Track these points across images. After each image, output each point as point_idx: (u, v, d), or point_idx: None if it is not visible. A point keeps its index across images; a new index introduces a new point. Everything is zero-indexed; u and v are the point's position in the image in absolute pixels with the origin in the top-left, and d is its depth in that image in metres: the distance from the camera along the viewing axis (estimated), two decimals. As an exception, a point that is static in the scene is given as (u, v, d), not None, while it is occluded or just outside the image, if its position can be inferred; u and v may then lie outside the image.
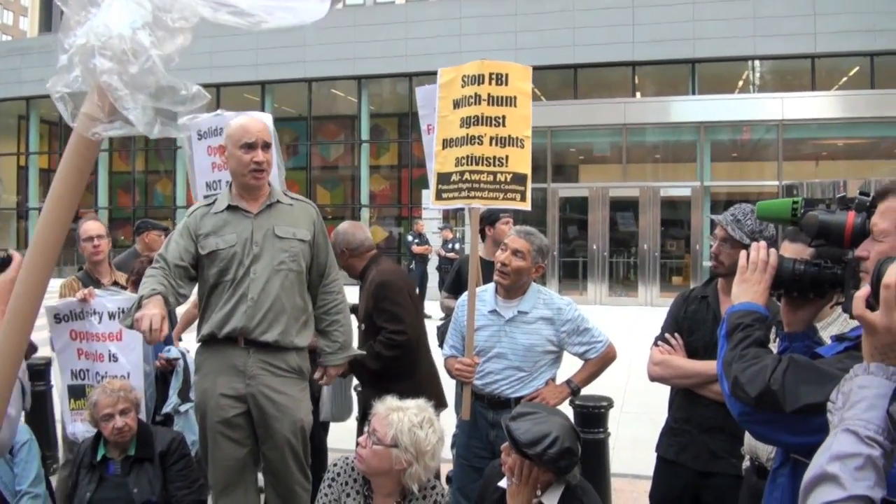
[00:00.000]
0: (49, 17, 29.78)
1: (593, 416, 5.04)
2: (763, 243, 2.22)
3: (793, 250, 2.89)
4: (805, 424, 1.86)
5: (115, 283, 4.96)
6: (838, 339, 2.04)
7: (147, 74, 1.39)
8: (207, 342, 3.92)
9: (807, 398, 1.85)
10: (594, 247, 21.31)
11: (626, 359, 4.28)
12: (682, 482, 3.63)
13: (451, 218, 21.81)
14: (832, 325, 2.81)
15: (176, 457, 3.96)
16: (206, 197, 5.31)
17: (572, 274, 21.55)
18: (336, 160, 27.74)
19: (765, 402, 1.89)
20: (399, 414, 3.13)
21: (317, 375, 4.20)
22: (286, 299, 3.87)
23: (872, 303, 1.58)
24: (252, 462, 3.97)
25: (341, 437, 5.64)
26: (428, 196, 20.68)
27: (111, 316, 4.33)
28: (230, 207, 3.93)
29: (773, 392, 1.88)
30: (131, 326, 3.45)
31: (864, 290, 1.58)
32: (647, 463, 5.12)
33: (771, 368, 1.92)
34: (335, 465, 3.35)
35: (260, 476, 4.14)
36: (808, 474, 1.43)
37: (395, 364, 4.46)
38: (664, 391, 3.96)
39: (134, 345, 4.33)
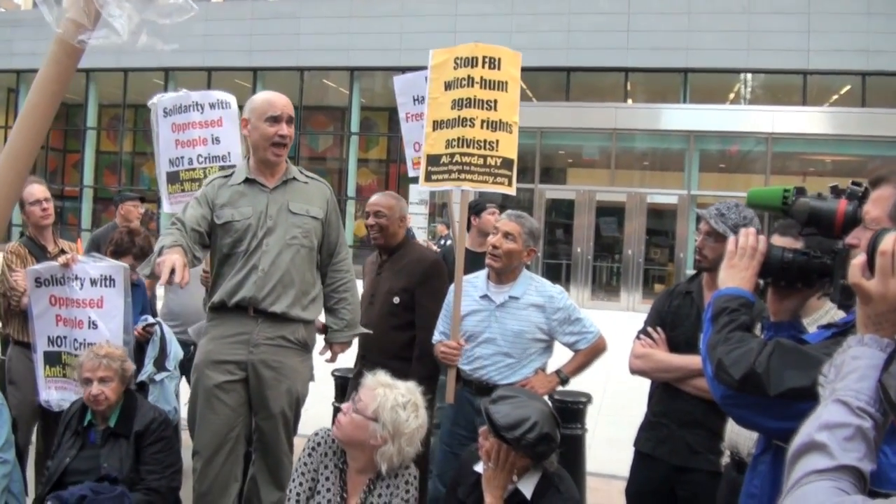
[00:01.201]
0: (44, -8, 29.51)
1: (571, 411, 5.01)
2: (752, 229, 2.20)
3: (782, 244, 2.88)
4: (788, 409, 1.84)
5: (62, 251, 4.86)
6: (825, 327, 2.03)
7: None
8: (217, 309, 3.97)
9: (791, 382, 1.83)
10: (578, 250, 21.34)
11: (606, 361, 4.27)
12: (658, 476, 3.62)
13: (439, 213, 21.80)
14: (820, 320, 2.80)
15: (153, 438, 3.87)
16: (168, 174, 5.36)
17: (555, 276, 21.53)
18: (324, 151, 27.65)
19: (748, 384, 1.88)
20: (386, 390, 3.10)
21: (321, 352, 4.23)
22: (296, 273, 3.92)
23: (867, 273, 1.56)
24: (243, 434, 3.97)
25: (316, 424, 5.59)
26: (416, 191, 20.75)
27: (93, 282, 4.29)
28: (247, 180, 3.98)
29: (757, 375, 1.86)
30: (150, 275, 3.55)
31: (861, 258, 1.56)
32: (623, 463, 5.11)
33: (756, 351, 1.90)
34: (317, 434, 3.32)
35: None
36: (796, 442, 1.41)
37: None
38: (643, 393, 3.95)
39: (115, 312, 4.29)
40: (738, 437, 3.04)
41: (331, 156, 27.17)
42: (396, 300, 4.57)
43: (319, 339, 4.26)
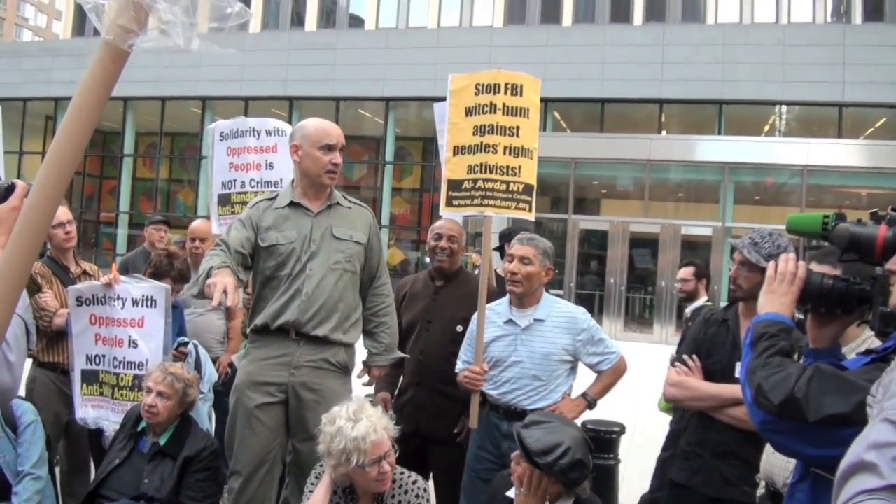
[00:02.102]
0: (82, 22, 30.08)
1: (605, 441, 4.99)
2: (792, 255, 2.20)
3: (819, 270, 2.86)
4: (828, 436, 1.83)
5: (84, 273, 4.92)
6: (864, 353, 2.00)
7: None
8: (259, 332, 4.01)
9: (830, 408, 1.81)
10: (612, 281, 21.23)
11: (638, 393, 4.26)
12: None
13: (470, 244, 21.80)
14: (858, 349, 2.76)
15: (201, 466, 3.92)
16: (220, 195, 5.46)
17: (588, 307, 21.27)
18: (359, 180, 27.83)
19: (788, 410, 1.86)
20: (364, 423, 3.17)
21: (358, 374, 4.26)
22: (339, 298, 3.96)
23: None
24: (279, 456, 4.00)
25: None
26: (448, 220, 20.75)
27: (135, 302, 4.35)
28: (292, 204, 4.03)
29: (796, 400, 1.85)
30: (199, 294, 3.58)
31: None
32: (656, 496, 5.05)
33: (795, 377, 1.88)
34: (321, 465, 3.38)
35: None
36: (845, 463, 1.38)
37: None
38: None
39: (155, 332, 4.35)
40: (773, 468, 3.00)
41: (365, 185, 27.34)
42: (459, 328, 4.55)
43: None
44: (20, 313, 1.72)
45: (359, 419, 3.14)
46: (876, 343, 2.17)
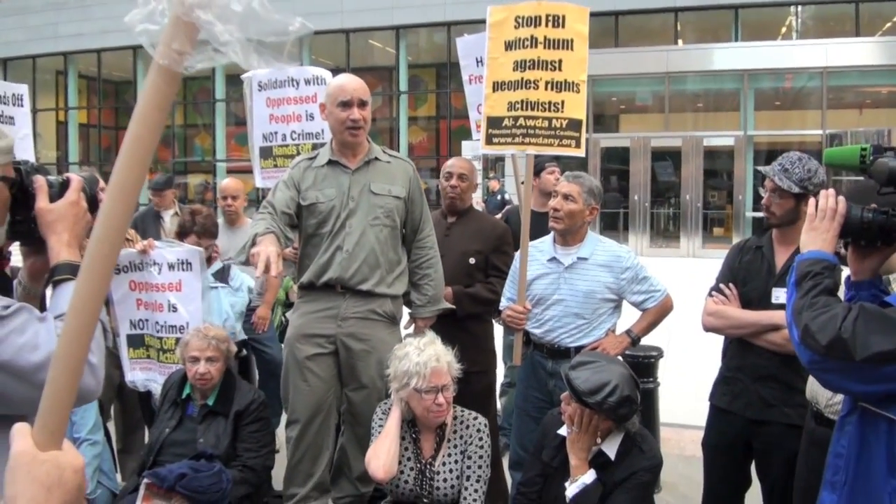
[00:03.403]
0: (87, -29, 29.75)
1: (643, 365, 5.05)
2: (832, 191, 2.21)
3: None
4: (875, 373, 1.88)
5: (126, 240, 4.99)
6: (908, 287, 2.04)
7: (235, 3, 1.36)
8: (306, 288, 4.11)
9: (878, 346, 1.86)
10: (636, 197, 21.17)
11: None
12: (734, 430, 3.66)
13: (491, 168, 21.72)
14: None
15: (252, 418, 4.02)
16: (261, 148, 5.46)
17: (613, 225, 21.44)
18: (374, 112, 27.51)
19: (835, 350, 1.91)
20: (430, 351, 3.34)
21: (405, 325, 4.35)
22: (380, 253, 4.02)
23: None
24: (335, 405, 4.11)
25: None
26: (468, 147, 20.66)
27: (171, 267, 4.40)
28: (330, 162, 4.08)
29: (843, 340, 1.89)
30: (246, 262, 3.67)
31: None
32: (693, 412, 5.15)
33: (841, 317, 1.93)
34: (385, 402, 3.57)
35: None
36: None
37: (493, 305, 4.58)
38: (708, 343, 3.94)
39: (193, 295, 4.39)
40: (818, 389, 3.07)
41: (380, 116, 27.14)
42: (472, 261, 4.63)
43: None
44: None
45: (425, 349, 3.31)
46: None
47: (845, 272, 2.37)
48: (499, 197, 17.07)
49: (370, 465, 3.36)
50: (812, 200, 2.25)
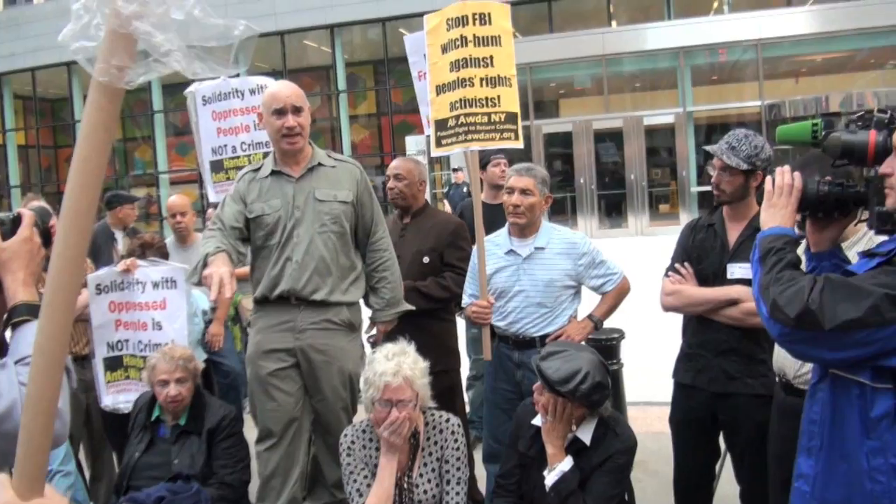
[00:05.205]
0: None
1: (607, 348, 5.10)
2: (787, 167, 2.26)
3: None
4: (843, 340, 1.93)
5: None
6: (867, 255, 2.09)
7: (175, 10, 1.31)
8: (261, 302, 4.06)
9: (845, 314, 1.91)
10: (581, 181, 21.34)
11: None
12: (699, 405, 3.72)
13: (436, 162, 21.71)
14: (857, 244, 2.86)
15: (224, 434, 3.98)
16: (212, 162, 5.40)
17: (561, 210, 21.57)
18: (314, 113, 27.19)
19: (804, 321, 1.95)
20: (393, 363, 3.19)
21: (366, 330, 4.31)
22: (330, 260, 3.97)
23: None
24: (306, 417, 4.06)
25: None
26: (413, 142, 20.60)
27: (155, 285, 4.37)
28: (274, 172, 4.03)
29: (811, 311, 1.94)
30: (199, 283, 3.61)
31: None
32: (654, 389, 5.22)
33: (808, 289, 1.97)
34: (345, 435, 3.43)
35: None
36: None
37: (446, 303, 4.59)
38: (662, 318, 3.99)
39: (178, 313, 4.37)
40: (785, 361, 3.14)
41: (321, 116, 26.94)
42: (426, 260, 4.64)
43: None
44: None
45: (392, 359, 3.20)
46: (875, 241, 2.26)
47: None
48: (465, 189, 17.03)
49: None
50: (769, 178, 2.29)
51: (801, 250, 2.32)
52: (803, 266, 2.28)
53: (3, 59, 25.21)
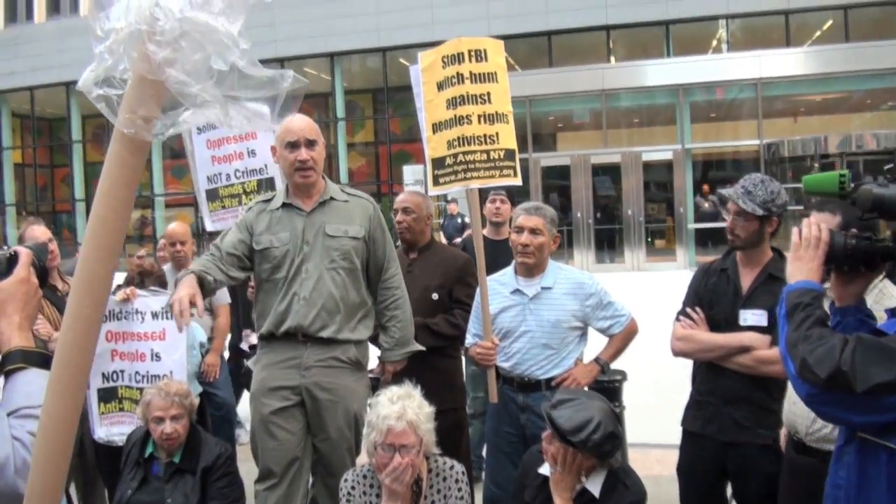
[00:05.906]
0: (14, 9, 29.06)
1: (609, 390, 5.00)
2: (814, 219, 2.21)
3: (819, 220, 2.88)
4: (876, 403, 1.88)
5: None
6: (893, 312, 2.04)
7: (216, 60, 1.20)
8: (267, 338, 3.97)
9: (878, 377, 1.85)
10: (578, 215, 21.34)
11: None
12: (708, 454, 3.65)
13: (435, 199, 21.69)
14: (867, 294, 2.80)
15: (219, 473, 3.88)
16: (207, 191, 5.34)
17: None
18: (311, 140, 27.41)
19: (835, 383, 1.89)
20: (398, 406, 3.10)
21: (375, 370, 4.21)
22: (339, 297, 3.88)
23: None
24: (307, 458, 3.97)
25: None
26: (410, 171, 20.58)
27: (154, 315, 4.30)
28: (285, 205, 3.96)
29: (843, 373, 1.88)
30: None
31: None
32: (654, 431, 5.13)
33: (839, 349, 1.91)
34: (346, 480, 3.34)
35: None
36: None
37: (455, 340, 4.50)
38: (663, 359, 3.92)
39: (177, 344, 4.30)
40: (796, 417, 3.08)
41: (319, 144, 26.99)
42: (436, 296, 4.56)
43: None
44: None
45: (396, 402, 3.10)
46: (885, 293, 2.22)
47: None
48: (459, 220, 16.99)
49: None
50: (795, 229, 2.24)
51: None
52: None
53: (2, 76, 25.21)
